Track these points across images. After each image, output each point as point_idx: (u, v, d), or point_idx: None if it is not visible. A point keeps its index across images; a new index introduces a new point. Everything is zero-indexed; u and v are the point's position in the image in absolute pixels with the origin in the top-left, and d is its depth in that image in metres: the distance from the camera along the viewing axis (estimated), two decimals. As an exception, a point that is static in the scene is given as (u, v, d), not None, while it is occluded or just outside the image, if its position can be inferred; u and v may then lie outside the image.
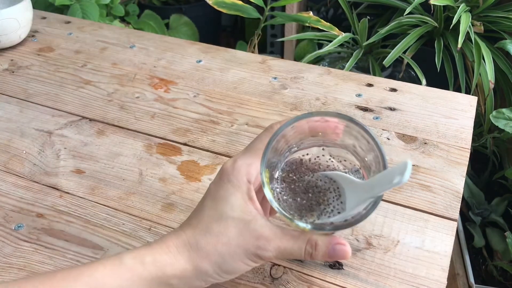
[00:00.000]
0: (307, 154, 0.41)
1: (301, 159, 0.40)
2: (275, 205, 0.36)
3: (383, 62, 1.22)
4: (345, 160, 0.40)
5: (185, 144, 0.61)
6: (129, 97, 0.69)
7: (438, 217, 0.50)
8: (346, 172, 0.39)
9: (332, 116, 0.37)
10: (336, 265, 0.45)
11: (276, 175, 0.39)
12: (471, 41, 1.18)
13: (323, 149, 0.40)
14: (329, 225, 0.37)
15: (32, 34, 0.85)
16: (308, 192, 0.39)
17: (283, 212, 0.36)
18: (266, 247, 0.36)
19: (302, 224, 0.35)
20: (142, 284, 0.36)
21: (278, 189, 0.39)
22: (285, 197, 0.39)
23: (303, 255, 0.37)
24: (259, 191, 0.39)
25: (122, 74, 0.74)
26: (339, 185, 0.39)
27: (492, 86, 1.14)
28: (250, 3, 1.05)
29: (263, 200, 0.41)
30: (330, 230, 0.36)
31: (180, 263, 0.37)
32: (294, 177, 0.40)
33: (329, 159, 0.40)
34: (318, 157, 0.41)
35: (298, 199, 0.39)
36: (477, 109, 0.81)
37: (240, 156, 0.39)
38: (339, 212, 0.38)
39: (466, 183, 0.98)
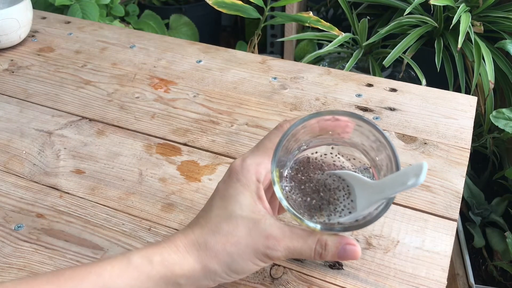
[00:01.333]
0: (316, 153, 0.40)
1: (310, 158, 0.40)
2: (284, 203, 0.35)
3: (383, 62, 1.22)
4: (354, 159, 0.40)
5: (185, 144, 0.61)
6: (129, 97, 0.69)
7: (438, 217, 0.50)
8: (355, 171, 0.39)
9: (343, 115, 0.36)
10: (336, 265, 0.45)
11: (285, 173, 0.39)
12: (471, 41, 1.18)
13: (332, 147, 0.40)
14: (339, 226, 0.36)
15: (32, 34, 0.85)
16: (317, 191, 0.39)
17: (293, 211, 0.35)
18: (275, 247, 0.36)
19: (311, 224, 0.35)
20: (150, 284, 0.36)
21: (287, 188, 0.39)
22: (294, 196, 0.39)
23: (312, 255, 0.37)
24: (268, 190, 0.39)
25: (122, 74, 0.74)
26: (349, 184, 0.39)
27: (492, 86, 1.14)
28: (250, 3, 1.05)
29: (271, 198, 0.41)
30: (340, 230, 0.36)
31: (189, 263, 0.37)
32: (303, 176, 0.39)
33: (338, 157, 0.40)
34: (325, 155, 0.40)
35: (308, 198, 0.38)
36: (477, 109, 0.81)
37: (249, 155, 0.39)
38: (350, 212, 0.37)
39: (466, 183, 0.98)
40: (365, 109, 0.65)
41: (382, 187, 0.35)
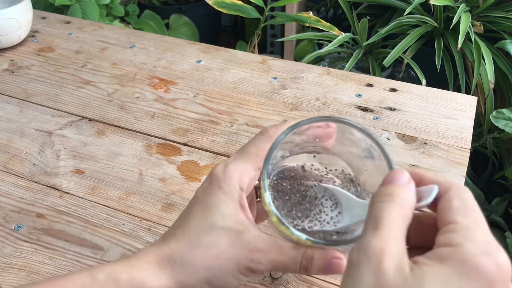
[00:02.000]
0: (299, 162, 0.38)
1: (294, 167, 0.38)
2: (275, 212, 0.33)
3: (383, 62, 1.22)
4: (336, 169, 0.38)
5: (185, 144, 0.61)
6: (129, 97, 0.69)
7: (438, 217, 0.50)
8: (340, 185, 0.37)
9: (338, 122, 0.34)
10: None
11: (268, 182, 0.37)
12: (471, 41, 1.19)
13: (314, 156, 0.38)
14: (328, 240, 0.34)
15: (32, 34, 0.85)
16: (302, 201, 0.37)
17: (283, 220, 0.33)
18: (259, 260, 0.34)
19: (298, 234, 0.33)
20: None
21: (271, 196, 0.36)
22: (277, 204, 0.36)
23: (298, 269, 0.34)
24: (246, 197, 0.37)
25: (122, 74, 0.74)
26: (335, 195, 0.37)
27: (492, 86, 1.14)
28: (250, 3, 1.05)
29: (249, 206, 0.38)
30: (328, 245, 0.34)
31: (161, 281, 0.33)
32: (288, 186, 0.37)
33: (321, 169, 0.38)
34: (312, 165, 0.38)
35: (293, 210, 0.36)
36: (477, 109, 0.81)
37: (231, 161, 0.36)
38: (335, 224, 0.35)
39: (466, 183, 0.98)
40: (365, 109, 0.65)
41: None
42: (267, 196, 0.33)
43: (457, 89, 1.24)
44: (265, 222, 0.43)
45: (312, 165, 0.39)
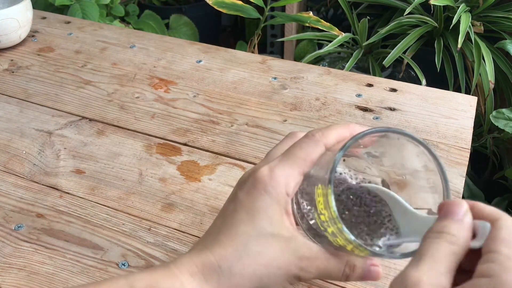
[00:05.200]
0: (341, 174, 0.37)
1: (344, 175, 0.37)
2: (341, 225, 0.30)
3: (383, 62, 1.22)
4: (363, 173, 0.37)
5: (185, 144, 0.61)
6: (129, 97, 0.69)
7: (438, 217, 0.50)
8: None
9: (399, 134, 0.32)
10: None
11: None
12: (471, 41, 1.19)
13: (344, 159, 0.37)
14: (398, 254, 0.32)
15: (32, 34, 0.85)
16: (362, 213, 0.35)
17: (347, 232, 0.30)
18: (308, 268, 0.33)
19: (370, 248, 0.31)
20: None
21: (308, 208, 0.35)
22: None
23: (340, 276, 0.34)
24: None
25: (122, 74, 0.74)
26: (388, 205, 0.35)
27: (492, 86, 1.14)
28: (250, 3, 1.05)
29: None
30: (394, 257, 0.32)
31: None
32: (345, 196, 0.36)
33: (353, 174, 0.37)
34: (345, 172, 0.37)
35: (352, 218, 0.35)
36: (477, 109, 0.81)
37: (277, 164, 0.34)
38: (396, 233, 0.34)
39: (466, 183, 0.98)
40: (365, 109, 0.65)
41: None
42: (333, 206, 0.31)
43: (457, 89, 1.24)
44: None
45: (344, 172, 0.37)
